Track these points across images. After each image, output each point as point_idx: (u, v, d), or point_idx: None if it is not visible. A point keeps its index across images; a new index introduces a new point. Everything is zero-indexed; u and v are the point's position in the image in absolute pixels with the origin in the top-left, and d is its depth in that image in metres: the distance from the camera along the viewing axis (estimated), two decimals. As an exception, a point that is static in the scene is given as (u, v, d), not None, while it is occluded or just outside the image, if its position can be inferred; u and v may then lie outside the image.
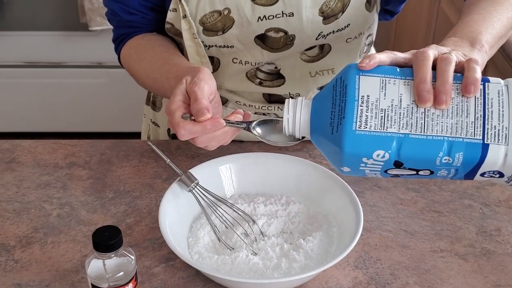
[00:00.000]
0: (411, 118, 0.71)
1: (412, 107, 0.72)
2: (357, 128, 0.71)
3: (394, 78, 0.73)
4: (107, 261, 0.76)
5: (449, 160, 0.71)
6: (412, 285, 0.87)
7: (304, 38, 1.02)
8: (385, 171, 0.74)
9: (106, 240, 0.75)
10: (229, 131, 0.86)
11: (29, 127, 2.71)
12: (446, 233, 0.96)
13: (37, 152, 1.12)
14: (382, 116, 0.71)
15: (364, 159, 0.72)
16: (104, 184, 1.05)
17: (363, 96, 0.72)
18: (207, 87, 0.85)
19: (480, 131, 0.70)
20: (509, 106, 0.71)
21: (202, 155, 1.10)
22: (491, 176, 0.73)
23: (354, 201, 0.91)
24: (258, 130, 0.85)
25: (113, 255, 0.76)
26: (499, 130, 0.70)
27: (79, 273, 0.87)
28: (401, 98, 0.72)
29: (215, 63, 1.07)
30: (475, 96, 0.72)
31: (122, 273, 0.77)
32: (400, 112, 0.71)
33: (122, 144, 1.14)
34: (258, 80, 1.08)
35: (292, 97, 1.10)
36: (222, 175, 0.99)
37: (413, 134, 0.71)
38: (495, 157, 0.70)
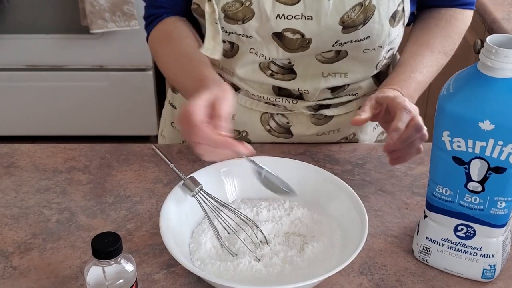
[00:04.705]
0: None
1: None
2: None
3: None
4: (106, 268, 0.75)
5: None
6: (419, 291, 0.85)
7: (320, 43, 1.02)
8: None
9: (106, 247, 0.74)
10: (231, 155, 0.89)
11: (28, 130, 2.70)
12: (453, 238, 0.95)
13: (36, 157, 1.11)
14: None
15: None
16: (104, 189, 1.03)
17: None
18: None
19: None
20: None
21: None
22: None
23: (359, 206, 0.90)
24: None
25: (112, 262, 0.75)
26: None
27: (79, 280, 0.86)
28: None
29: (234, 49, 1.08)
30: None
31: (122, 280, 0.76)
32: None
33: (123, 148, 1.13)
34: (270, 72, 1.09)
35: (301, 93, 1.10)
36: (224, 179, 0.97)
37: None
38: None
